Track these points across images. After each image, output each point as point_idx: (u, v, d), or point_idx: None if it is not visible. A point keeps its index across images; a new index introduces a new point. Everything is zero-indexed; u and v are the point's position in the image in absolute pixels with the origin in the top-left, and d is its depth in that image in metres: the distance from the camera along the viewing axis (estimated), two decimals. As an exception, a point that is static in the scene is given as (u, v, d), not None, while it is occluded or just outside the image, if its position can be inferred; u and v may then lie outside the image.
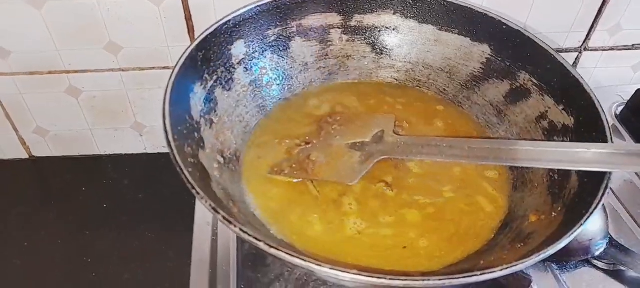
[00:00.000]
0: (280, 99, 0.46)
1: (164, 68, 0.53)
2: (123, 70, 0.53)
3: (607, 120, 0.35)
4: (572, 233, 0.28)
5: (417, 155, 0.40)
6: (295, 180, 0.40)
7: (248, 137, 0.43)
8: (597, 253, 0.43)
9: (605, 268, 0.44)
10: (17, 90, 0.53)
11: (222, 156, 0.38)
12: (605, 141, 0.34)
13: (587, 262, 0.44)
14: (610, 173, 0.31)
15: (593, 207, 0.30)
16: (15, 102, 0.54)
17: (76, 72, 0.53)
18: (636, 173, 0.52)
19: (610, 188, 0.50)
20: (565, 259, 0.44)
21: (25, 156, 0.60)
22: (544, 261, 0.44)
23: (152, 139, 0.60)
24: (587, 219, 0.29)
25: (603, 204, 0.45)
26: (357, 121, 0.45)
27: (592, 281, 0.43)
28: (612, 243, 0.44)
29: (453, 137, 0.43)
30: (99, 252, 0.51)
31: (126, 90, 0.55)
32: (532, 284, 0.41)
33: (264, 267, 0.40)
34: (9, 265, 0.49)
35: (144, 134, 0.60)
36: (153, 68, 0.53)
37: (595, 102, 0.36)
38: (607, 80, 0.65)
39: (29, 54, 0.50)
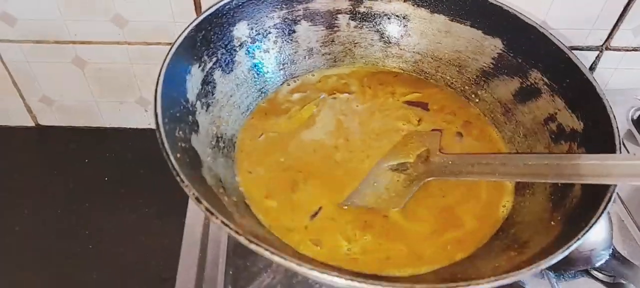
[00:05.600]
0: (282, 83, 0.45)
1: (170, 44, 0.52)
2: (129, 44, 0.53)
3: (618, 128, 0.33)
4: (568, 248, 0.27)
5: (467, 175, 0.37)
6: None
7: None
8: (597, 264, 0.42)
9: (605, 280, 0.42)
10: (24, 57, 0.53)
11: (217, 141, 0.38)
12: (614, 151, 0.32)
13: (587, 273, 0.43)
14: (614, 185, 0.30)
15: (593, 221, 0.28)
16: (22, 69, 0.54)
17: (82, 43, 0.52)
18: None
19: (618, 195, 0.48)
20: (563, 268, 0.42)
21: (31, 124, 0.60)
22: (541, 268, 0.43)
23: (157, 115, 0.60)
24: (584, 234, 0.28)
25: (608, 213, 0.44)
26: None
27: (590, 292, 0.42)
28: (614, 254, 0.42)
29: (505, 154, 0.40)
30: (97, 225, 0.51)
31: (132, 64, 0.55)
32: (526, 290, 0.40)
33: (253, 256, 0.40)
34: (9, 231, 0.50)
35: (148, 109, 0.60)
36: (159, 43, 0.53)
37: (608, 108, 0.34)
38: (628, 83, 0.62)
39: (36, 22, 0.50)
